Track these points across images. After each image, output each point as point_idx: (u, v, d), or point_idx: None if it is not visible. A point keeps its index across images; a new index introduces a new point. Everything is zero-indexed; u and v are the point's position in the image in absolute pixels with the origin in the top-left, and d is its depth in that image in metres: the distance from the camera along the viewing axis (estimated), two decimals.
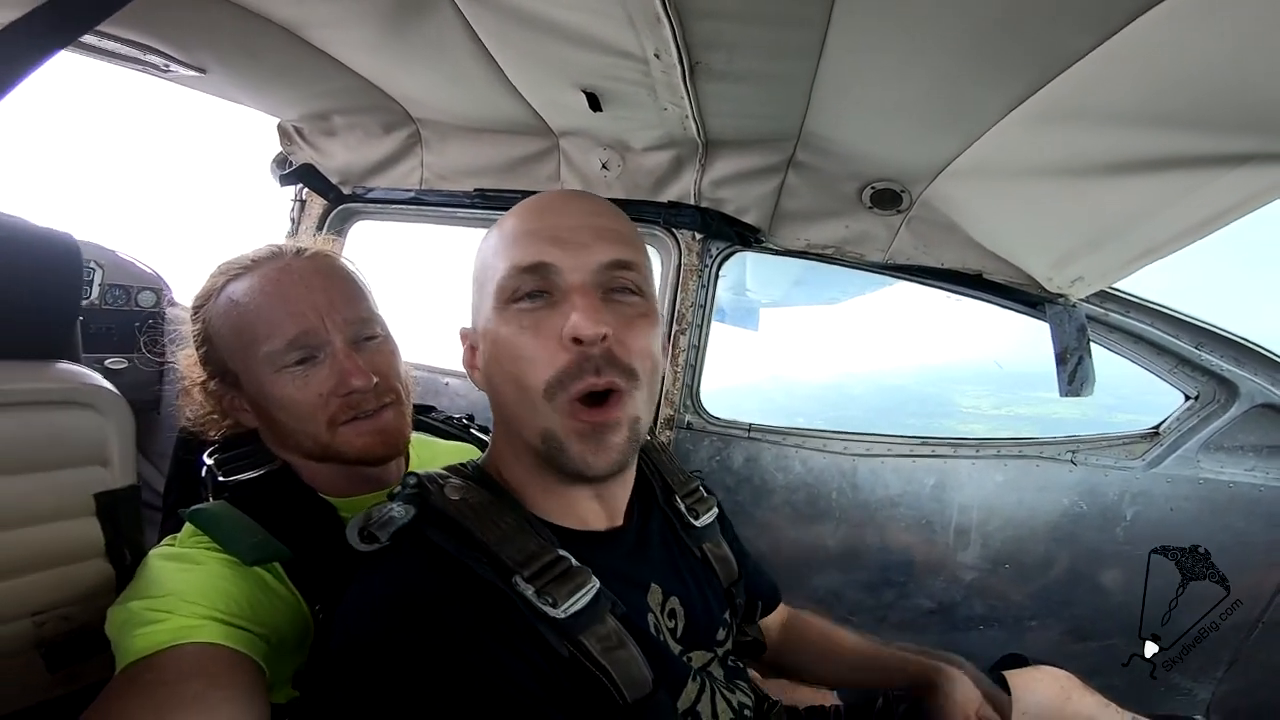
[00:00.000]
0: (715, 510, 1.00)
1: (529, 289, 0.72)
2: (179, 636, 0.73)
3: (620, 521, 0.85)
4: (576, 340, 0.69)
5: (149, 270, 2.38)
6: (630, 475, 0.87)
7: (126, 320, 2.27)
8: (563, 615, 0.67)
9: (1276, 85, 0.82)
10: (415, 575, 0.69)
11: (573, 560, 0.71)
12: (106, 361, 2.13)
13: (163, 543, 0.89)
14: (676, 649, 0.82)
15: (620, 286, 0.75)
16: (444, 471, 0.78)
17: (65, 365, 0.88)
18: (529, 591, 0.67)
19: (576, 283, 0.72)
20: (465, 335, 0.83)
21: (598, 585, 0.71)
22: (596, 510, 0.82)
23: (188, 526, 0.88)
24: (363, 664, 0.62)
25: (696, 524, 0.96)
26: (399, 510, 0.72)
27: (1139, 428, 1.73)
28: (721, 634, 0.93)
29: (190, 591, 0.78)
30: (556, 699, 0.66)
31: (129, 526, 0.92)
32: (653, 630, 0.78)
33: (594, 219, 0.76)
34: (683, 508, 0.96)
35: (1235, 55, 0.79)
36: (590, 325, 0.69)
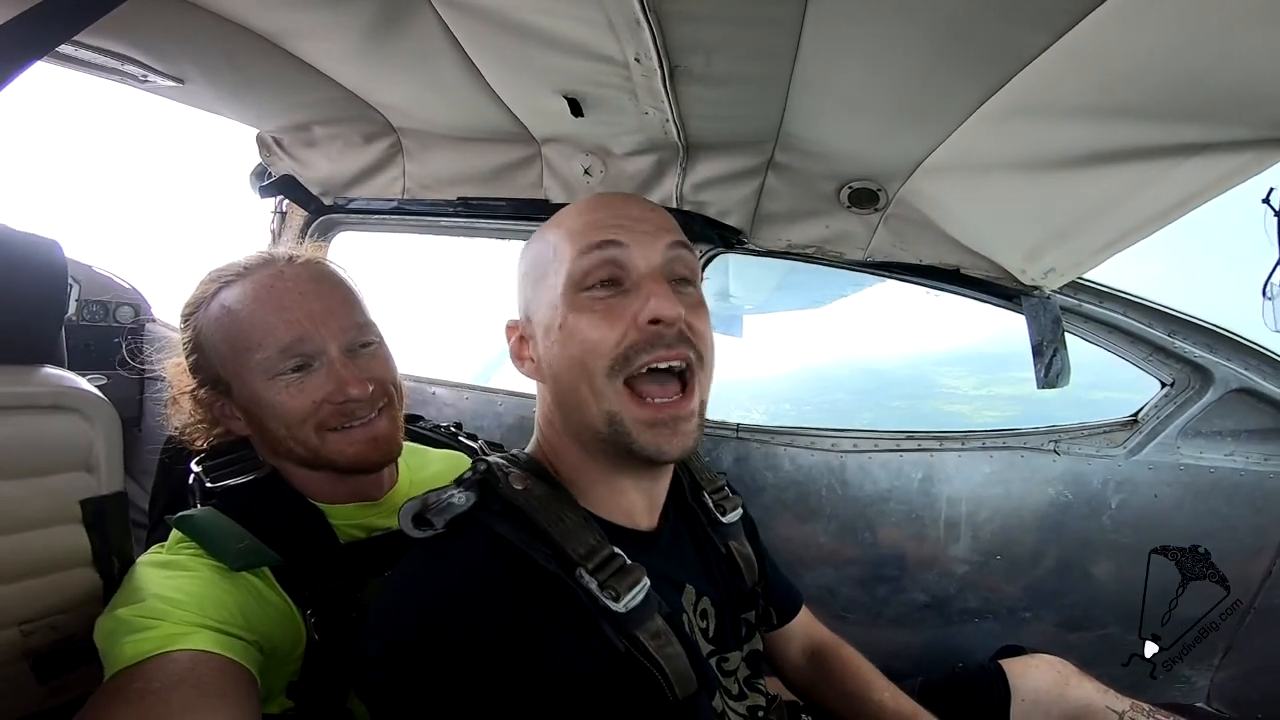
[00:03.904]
0: (740, 510, 1.00)
1: (601, 277, 0.75)
2: (168, 644, 0.72)
3: (658, 521, 0.86)
4: (655, 321, 0.72)
5: (127, 285, 2.35)
6: (671, 471, 0.88)
7: (105, 336, 2.24)
8: (623, 610, 0.69)
9: (1216, 78, 0.86)
10: (480, 563, 0.69)
11: (626, 558, 0.73)
12: (86, 378, 2.12)
13: (150, 550, 0.88)
14: (707, 649, 0.83)
15: (681, 276, 0.78)
16: (505, 461, 0.80)
17: (51, 370, 0.87)
18: (593, 585, 0.69)
19: (646, 270, 0.75)
20: (514, 327, 0.86)
21: (649, 583, 0.72)
22: (642, 506, 0.83)
23: (175, 533, 0.87)
24: (420, 661, 0.62)
25: (724, 520, 0.96)
26: (460, 497, 0.73)
27: (1118, 416, 1.76)
28: (745, 632, 0.93)
29: (179, 598, 0.77)
30: (614, 692, 0.67)
31: (116, 534, 0.91)
32: (687, 631, 0.79)
33: (651, 213, 0.80)
34: (710, 503, 0.96)
35: (1177, 50, 0.82)
36: (670, 307, 0.71)
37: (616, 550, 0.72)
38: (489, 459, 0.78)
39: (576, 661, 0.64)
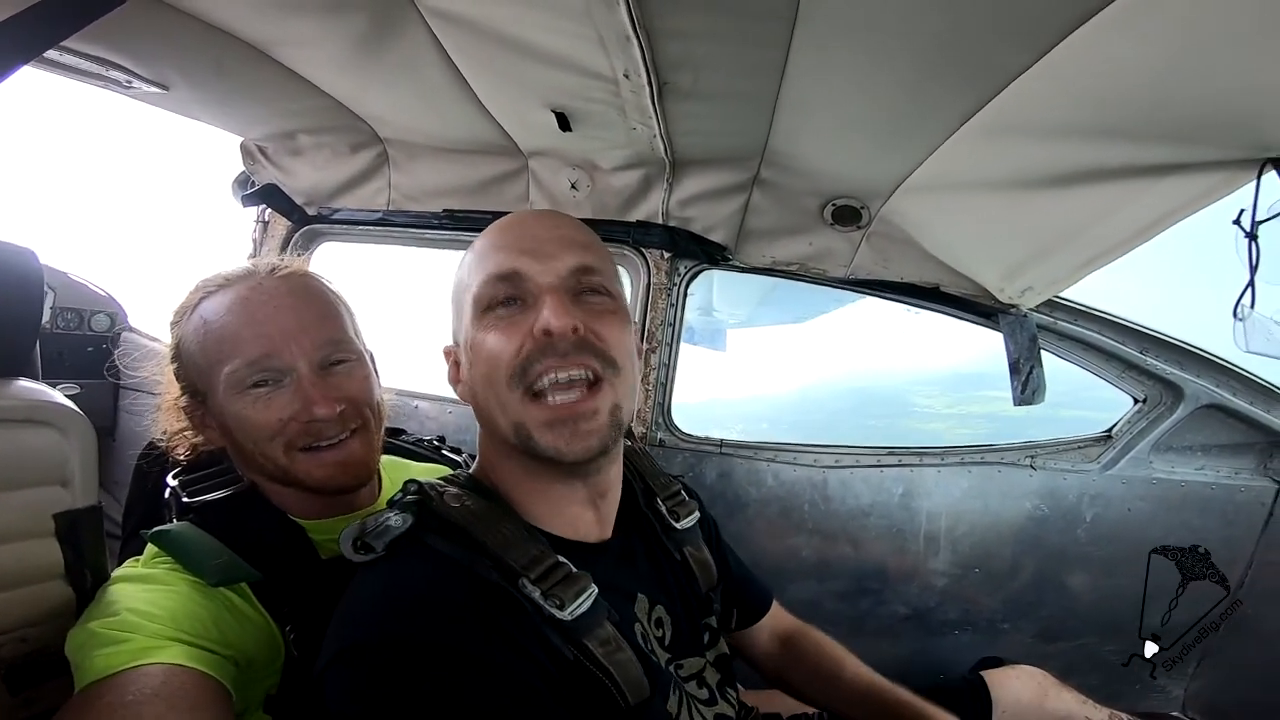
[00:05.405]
0: (696, 514, 1.01)
1: (503, 296, 0.76)
2: (141, 657, 0.71)
3: (609, 534, 0.86)
4: (546, 333, 0.72)
5: (103, 293, 2.30)
6: (618, 479, 0.88)
7: (79, 345, 2.19)
8: (569, 618, 0.69)
9: (1191, 100, 0.89)
10: (418, 577, 0.69)
11: (571, 566, 0.73)
12: (58, 388, 2.08)
13: (125, 564, 0.86)
14: (665, 657, 0.83)
15: (588, 288, 0.79)
16: (440, 481, 0.79)
17: (25, 383, 0.84)
18: (536, 594, 0.69)
19: (546, 286, 0.76)
20: (449, 352, 0.87)
21: (596, 590, 0.72)
22: (588, 519, 0.83)
23: (150, 548, 0.85)
24: (369, 664, 0.62)
25: (677, 526, 0.96)
26: (396, 519, 0.72)
27: (1093, 431, 1.80)
28: (707, 638, 0.93)
29: (154, 612, 0.76)
30: (563, 700, 0.66)
31: (90, 548, 0.88)
32: (640, 640, 0.79)
33: (558, 231, 0.81)
34: (664, 510, 0.96)
35: (1152, 72, 0.85)
36: (558, 319, 0.72)
37: (561, 559, 0.73)
38: (420, 480, 0.77)
39: (514, 669, 0.64)
